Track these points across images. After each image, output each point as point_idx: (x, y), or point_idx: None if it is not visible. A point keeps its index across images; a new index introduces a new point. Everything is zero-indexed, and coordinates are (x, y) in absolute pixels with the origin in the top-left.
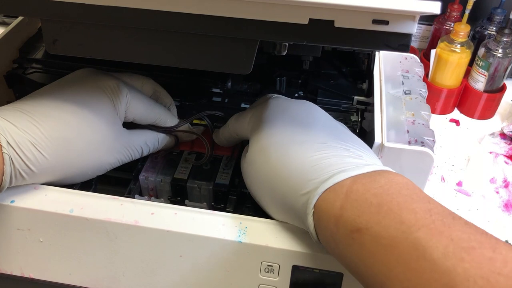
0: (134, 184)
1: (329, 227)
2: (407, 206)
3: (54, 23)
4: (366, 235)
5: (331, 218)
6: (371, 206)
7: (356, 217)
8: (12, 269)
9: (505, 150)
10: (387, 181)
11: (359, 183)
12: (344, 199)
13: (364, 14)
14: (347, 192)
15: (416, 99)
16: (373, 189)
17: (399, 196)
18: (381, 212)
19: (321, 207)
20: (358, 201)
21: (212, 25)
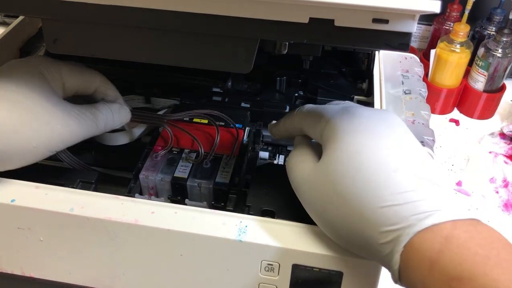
0: (134, 183)
1: (420, 269)
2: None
3: (55, 22)
4: (468, 286)
5: (425, 261)
6: (476, 256)
7: (458, 265)
8: (12, 268)
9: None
10: (489, 234)
11: (461, 230)
12: (444, 243)
13: (364, 13)
14: (448, 236)
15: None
16: (477, 239)
17: (504, 251)
18: (488, 264)
19: (413, 246)
20: (460, 248)
21: (212, 24)
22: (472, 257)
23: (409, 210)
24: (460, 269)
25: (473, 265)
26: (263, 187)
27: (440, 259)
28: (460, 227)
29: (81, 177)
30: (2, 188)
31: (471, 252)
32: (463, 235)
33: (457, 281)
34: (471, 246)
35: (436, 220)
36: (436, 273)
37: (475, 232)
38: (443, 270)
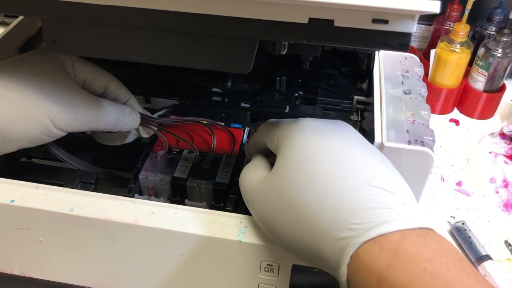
0: (134, 183)
1: (369, 284)
2: (463, 282)
3: (54, 22)
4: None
5: (373, 276)
6: (425, 274)
7: (407, 284)
8: (12, 269)
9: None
10: (439, 246)
11: (409, 242)
12: (393, 257)
13: (364, 13)
14: (396, 250)
15: (416, 98)
16: (426, 253)
17: (454, 268)
18: (436, 284)
19: (361, 259)
20: (409, 264)
21: (212, 24)
22: (421, 275)
23: (358, 219)
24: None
25: (422, 284)
26: None
27: (389, 275)
28: (409, 239)
29: (80, 177)
30: (2, 188)
31: (420, 270)
32: (412, 248)
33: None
34: (420, 262)
35: (383, 230)
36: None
37: (423, 245)
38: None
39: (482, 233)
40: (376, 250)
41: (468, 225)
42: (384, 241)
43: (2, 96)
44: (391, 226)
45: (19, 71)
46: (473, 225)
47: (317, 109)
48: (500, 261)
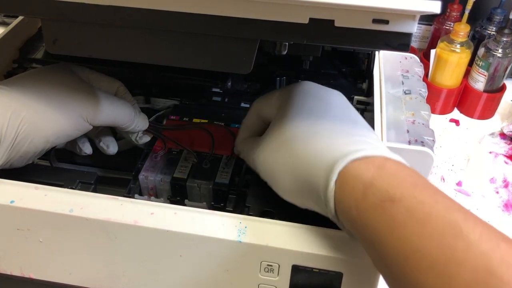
0: (134, 184)
1: (354, 193)
2: (440, 193)
3: (54, 22)
4: (399, 206)
5: (359, 185)
6: (406, 181)
7: (390, 188)
8: (12, 269)
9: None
10: (416, 172)
11: (392, 163)
12: (377, 171)
13: (364, 13)
14: (380, 165)
15: (416, 98)
16: (406, 171)
17: (430, 184)
18: (417, 188)
19: (348, 173)
20: (392, 175)
21: (212, 24)
22: (402, 182)
23: (346, 145)
24: (392, 192)
25: (403, 189)
26: (262, 188)
27: (373, 183)
28: (391, 161)
29: (80, 178)
30: (2, 189)
31: (401, 179)
32: (394, 167)
33: (389, 202)
34: (401, 175)
35: (370, 152)
36: (369, 196)
37: (403, 167)
38: (375, 192)
39: None
40: (363, 166)
41: None
42: (370, 160)
43: (33, 97)
44: (376, 151)
45: (45, 78)
46: None
47: None
48: None
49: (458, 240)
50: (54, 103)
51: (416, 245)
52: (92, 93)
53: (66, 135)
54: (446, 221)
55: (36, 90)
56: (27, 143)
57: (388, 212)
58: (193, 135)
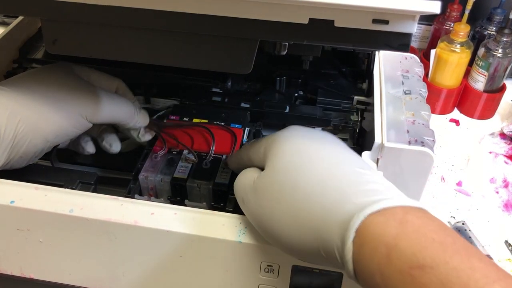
0: (134, 184)
1: (377, 257)
2: (473, 253)
3: (54, 22)
4: (430, 274)
5: (382, 247)
6: (434, 243)
7: (417, 252)
8: (12, 269)
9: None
10: (440, 223)
11: (413, 216)
12: (400, 228)
13: (364, 13)
14: (402, 221)
15: (416, 99)
16: (431, 226)
17: (460, 240)
18: (447, 252)
19: (367, 231)
20: (416, 234)
21: (212, 24)
22: (430, 244)
23: (358, 195)
24: (421, 257)
25: (433, 252)
26: None
27: (398, 245)
28: (412, 213)
29: (80, 178)
30: (2, 189)
31: (428, 239)
32: (417, 221)
33: (418, 269)
34: (427, 232)
35: (386, 204)
36: (395, 260)
37: (427, 219)
38: (402, 257)
39: (482, 233)
40: (382, 221)
41: (468, 225)
42: (389, 214)
43: (31, 97)
44: (394, 201)
45: (44, 78)
46: (473, 225)
47: (317, 109)
48: (500, 261)
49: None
50: (52, 102)
51: None
52: (91, 91)
53: (65, 134)
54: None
55: (34, 90)
56: (26, 143)
57: (418, 282)
58: (193, 135)
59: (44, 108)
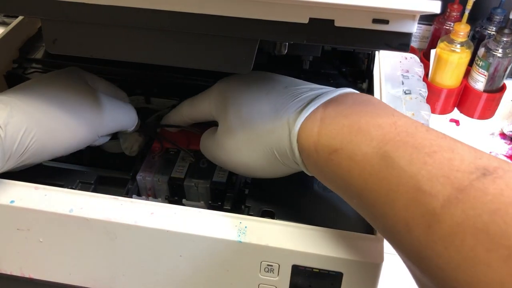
0: (132, 184)
1: (311, 154)
2: (374, 123)
3: (54, 22)
4: (341, 154)
5: (311, 146)
6: (344, 127)
7: (331, 139)
8: (11, 269)
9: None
10: (353, 101)
11: (330, 108)
12: (320, 125)
13: (364, 13)
14: (322, 118)
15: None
16: (343, 111)
17: (366, 114)
18: (352, 132)
19: (302, 138)
20: (331, 124)
21: (212, 24)
22: (341, 129)
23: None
24: (334, 143)
25: (342, 136)
26: (262, 188)
27: (319, 140)
28: (330, 106)
29: (80, 178)
30: (2, 189)
31: (339, 126)
32: (332, 112)
33: (334, 153)
34: (340, 120)
35: (310, 108)
36: (320, 153)
37: (341, 105)
38: (323, 147)
39: None
40: (309, 125)
41: None
42: (313, 116)
43: (37, 107)
44: (315, 102)
45: (51, 85)
46: None
47: None
48: None
49: (391, 170)
50: (65, 120)
51: (362, 185)
52: (101, 103)
53: (74, 149)
54: (380, 156)
55: (49, 105)
56: (33, 158)
57: (335, 163)
58: (190, 134)
59: (57, 126)
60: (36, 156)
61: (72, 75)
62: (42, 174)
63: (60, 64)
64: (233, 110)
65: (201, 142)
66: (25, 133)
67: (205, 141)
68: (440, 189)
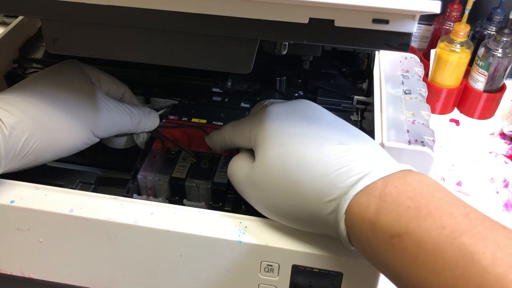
0: (133, 183)
1: (364, 232)
2: (445, 210)
3: (54, 22)
4: (407, 240)
5: (366, 223)
6: (409, 210)
7: (394, 222)
8: (12, 269)
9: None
10: (419, 183)
11: (391, 186)
12: (379, 203)
13: (364, 13)
14: (381, 195)
15: (416, 98)
16: (407, 192)
17: (434, 199)
18: (420, 216)
19: (353, 212)
20: (394, 204)
21: (212, 24)
22: (405, 212)
23: (341, 178)
24: (398, 226)
25: (408, 219)
26: None
27: (378, 219)
28: (391, 183)
29: (80, 178)
30: (2, 189)
31: (404, 207)
32: (394, 191)
33: (396, 238)
34: (403, 201)
35: (367, 181)
36: (377, 233)
37: (404, 185)
38: (382, 229)
39: None
40: (364, 200)
41: None
42: (370, 190)
43: (42, 110)
44: (374, 176)
45: (54, 85)
46: None
47: None
48: None
49: (470, 267)
50: (68, 124)
51: (431, 279)
52: (102, 103)
53: (75, 150)
54: (456, 248)
55: (53, 107)
56: (35, 159)
57: (398, 248)
58: (191, 135)
59: (59, 126)
60: (39, 157)
61: (74, 71)
62: (42, 174)
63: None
64: (277, 148)
65: (230, 167)
66: (29, 137)
67: (236, 170)
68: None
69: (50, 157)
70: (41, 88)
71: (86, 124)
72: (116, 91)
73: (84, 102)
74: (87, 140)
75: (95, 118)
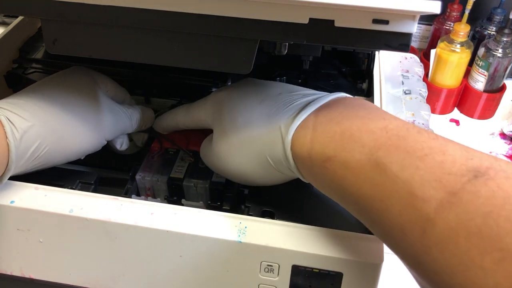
0: (131, 184)
1: (305, 162)
2: (366, 129)
3: (54, 23)
4: (335, 162)
5: (305, 154)
6: (336, 135)
7: (325, 147)
8: (12, 270)
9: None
10: (345, 106)
11: (321, 116)
12: (313, 133)
13: (364, 13)
14: (314, 125)
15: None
16: (335, 118)
17: (357, 119)
18: (344, 139)
19: (296, 146)
20: (324, 132)
21: (212, 24)
22: (333, 136)
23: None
24: (327, 150)
25: (335, 143)
26: (262, 188)
27: (313, 148)
28: (321, 113)
29: (80, 178)
30: (2, 189)
31: (331, 133)
32: (324, 119)
33: (327, 161)
34: (332, 127)
35: (302, 117)
36: (314, 161)
37: (332, 112)
38: (317, 156)
39: None
40: (302, 134)
41: None
42: (305, 124)
43: (54, 115)
44: (307, 110)
45: (64, 90)
46: None
47: None
48: None
49: (384, 177)
50: (78, 129)
51: (356, 193)
52: (110, 108)
53: (85, 154)
54: (373, 163)
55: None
56: (44, 163)
57: (330, 171)
58: (189, 135)
59: (70, 131)
60: (49, 161)
61: (82, 76)
62: (42, 174)
63: (60, 64)
64: (228, 117)
65: (201, 150)
66: (41, 142)
67: (204, 149)
68: (433, 193)
69: (59, 161)
70: (52, 93)
71: (96, 128)
72: (120, 96)
73: (94, 107)
74: (97, 144)
75: (104, 122)
